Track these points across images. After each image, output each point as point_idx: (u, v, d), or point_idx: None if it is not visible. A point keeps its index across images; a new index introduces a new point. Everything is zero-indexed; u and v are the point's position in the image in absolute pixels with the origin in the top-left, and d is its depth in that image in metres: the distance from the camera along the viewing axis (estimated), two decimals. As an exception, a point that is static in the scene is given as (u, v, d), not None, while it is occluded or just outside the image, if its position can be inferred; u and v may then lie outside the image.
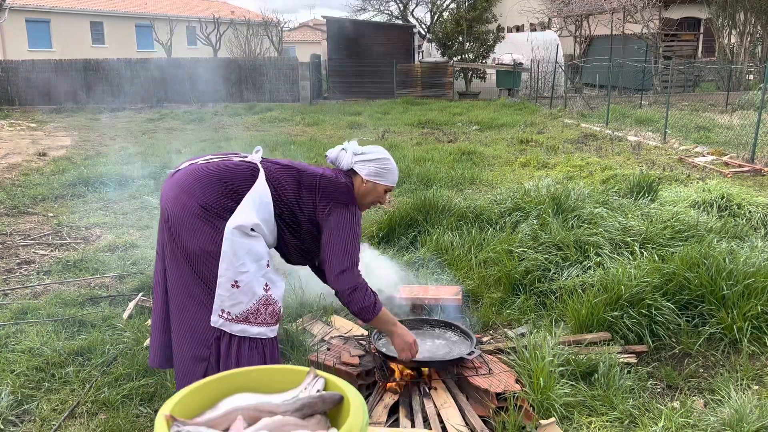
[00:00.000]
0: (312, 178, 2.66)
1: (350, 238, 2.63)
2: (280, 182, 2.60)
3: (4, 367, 3.26)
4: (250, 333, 2.52)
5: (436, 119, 14.74)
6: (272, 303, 2.56)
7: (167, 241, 2.52)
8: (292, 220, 2.62)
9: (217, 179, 2.50)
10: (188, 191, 2.47)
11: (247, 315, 2.51)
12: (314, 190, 2.63)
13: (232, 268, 2.44)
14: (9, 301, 4.27)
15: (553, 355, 3.07)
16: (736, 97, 15.51)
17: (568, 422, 2.78)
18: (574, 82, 21.28)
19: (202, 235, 2.44)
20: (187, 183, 2.49)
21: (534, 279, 4.14)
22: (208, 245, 2.43)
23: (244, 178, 2.53)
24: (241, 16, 34.15)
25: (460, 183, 7.48)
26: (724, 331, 3.39)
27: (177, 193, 2.49)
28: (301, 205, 2.61)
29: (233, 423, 1.43)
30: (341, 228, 2.62)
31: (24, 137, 13.19)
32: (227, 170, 2.54)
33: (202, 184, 2.48)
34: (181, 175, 2.55)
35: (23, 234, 5.85)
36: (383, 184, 2.78)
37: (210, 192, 2.46)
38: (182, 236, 2.45)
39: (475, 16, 23.32)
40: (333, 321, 3.70)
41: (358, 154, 2.75)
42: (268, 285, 2.55)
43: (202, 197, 2.45)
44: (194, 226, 2.44)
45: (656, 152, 9.91)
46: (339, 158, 2.77)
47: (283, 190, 2.59)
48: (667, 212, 5.22)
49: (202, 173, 2.52)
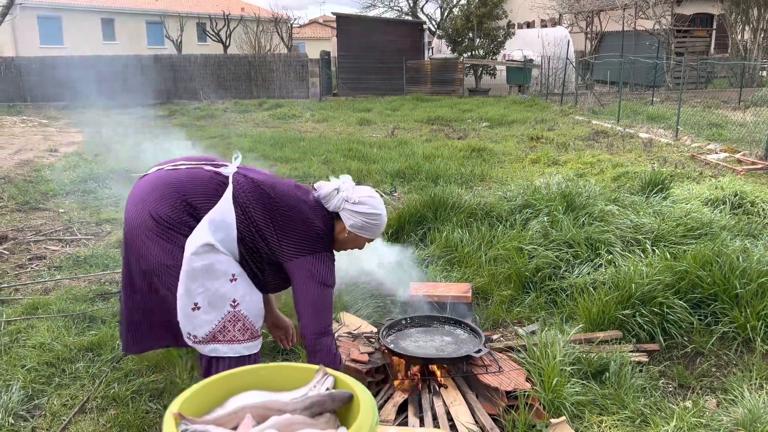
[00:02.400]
0: (286, 209, 2.43)
1: (321, 294, 2.42)
2: (249, 204, 2.39)
3: (15, 363, 3.27)
4: (221, 352, 2.39)
5: (446, 116, 14.69)
6: (241, 319, 2.39)
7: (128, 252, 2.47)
8: (254, 248, 2.42)
9: (173, 191, 2.36)
10: (144, 200, 2.37)
11: (215, 334, 2.37)
12: (283, 229, 2.41)
13: (188, 293, 2.33)
14: (20, 296, 4.29)
15: (564, 353, 3.04)
16: (750, 93, 15.36)
17: (579, 421, 2.75)
18: (584, 79, 21.15)
19: (156, 248, 2.34)
20: (146, 191, 2.39)
21: (544, 277, 4.11)
22: (163, 259, 2.34)
23: (206, 194, 2.37)
24: (251, 13, 34.18)
25: (470, 180, 7.45)
26: (737, 330, 3.35)
27: (135, 200, 2.40)
28: (266, 236, 2.40)
29: (242, 421, 1.42)
30: (312, 284, 2.41)
31: (36, 133, 13.27)
32: (189, 182, 2.39)
33: (159, 195, 2.35)
34: (144, 181, 2.45)
35: (34, 230, 5.88)
36: (366, 237, 2.58)
37: (164, 204, 2.34)
38: (138, 248, 2.38)
39: (486, 12, 23.20)
40: (342, 318, 3.69)
41: (349, 201, 2.49)
42: (236, 300, 2.38)
43: (154, 208, 2.33)
44: (147, 238, 2.34)
45: (668, 149, 9.83)
46: (329, 198, 2.50)
47: (250, 214, 2.38)
48: (680, 210, 5.17)
49: (162, 182, 2.39)
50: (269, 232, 2.40)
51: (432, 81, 22.42)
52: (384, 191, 7.14)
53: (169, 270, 2.35)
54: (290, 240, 2.41)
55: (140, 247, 2.38)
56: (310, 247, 2.43)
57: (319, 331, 2.43)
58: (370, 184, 7.41)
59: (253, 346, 2.46)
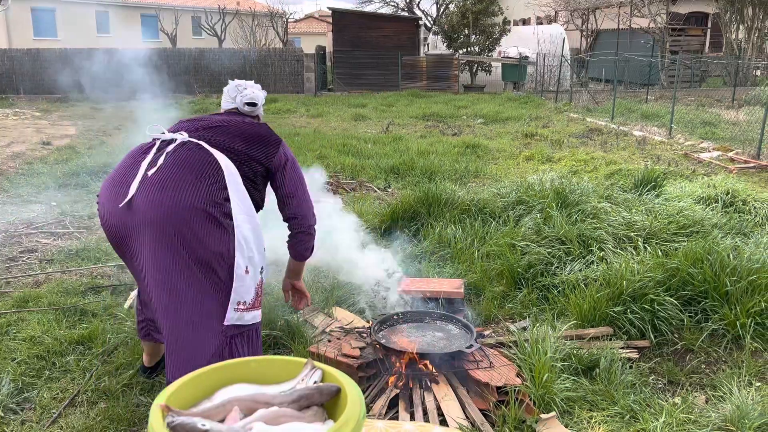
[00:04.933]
0: (252, 128, 2.67)
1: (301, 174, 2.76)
2: (229, 144, 2.56)
3: (5, 355, 3.26)
4: (257, 318, 2.55)
5: (441, 112, 14.68)
6: (262, 285, 2.58)
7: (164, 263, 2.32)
8: (254, 178, 2.62)
9: (192, 179, 2.35)
10: (184, 204, 2.29)
11: (255, 300, 2.50)
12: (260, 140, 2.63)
13: (245, 255, 2.42)
14: (11, 289, 4.27)
15: (555, 349, 3.05)
16: (743, 92, 15.42)
17: (569, 417, 2.77)
18: (579, 77, 21.18)
19: (211, 239, 2.33)
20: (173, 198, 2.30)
21: (536, 273, 4.12)
22: (219, 246, 2.34)
23: (203, 161, 2.42)
24: (246, 7, 34.06)
25: (464, 176, 7.46)
26: (727, 327, 3.37)
27: (170, 212, 2.29)
28: (249, 155, 2.58)
29: (229, 414, 1.42)
30: (297, 168, 2.74)
31: (28, 126, 13.20)
32: (187, 165, 2.39)
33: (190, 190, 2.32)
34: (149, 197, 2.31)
35: (26, 222, 5.85)
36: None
37: (200, 196, 2.32)
38: (200, 245, 2.31)
39: (482, 8, 23.19)
40: (335, 313, 3.69)
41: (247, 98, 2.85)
42: (263, 269, 2.56)
43: (198, 204, 2.30)
44: (199, 233, 2.31)
45: (661, 147, 9.86)
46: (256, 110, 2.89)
47: (233, 147, 2.56)
48: (672, 207, 5.19)
49: (173, 181, 2.33)
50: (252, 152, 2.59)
51: (427, 77, 22.40)
52: (378, 187, 7.14)
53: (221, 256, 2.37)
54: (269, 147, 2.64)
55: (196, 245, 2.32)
56: (274, 139, 2.67)
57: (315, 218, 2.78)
58: (365, 180, 7.41)
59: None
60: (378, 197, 6.57)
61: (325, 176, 7.37)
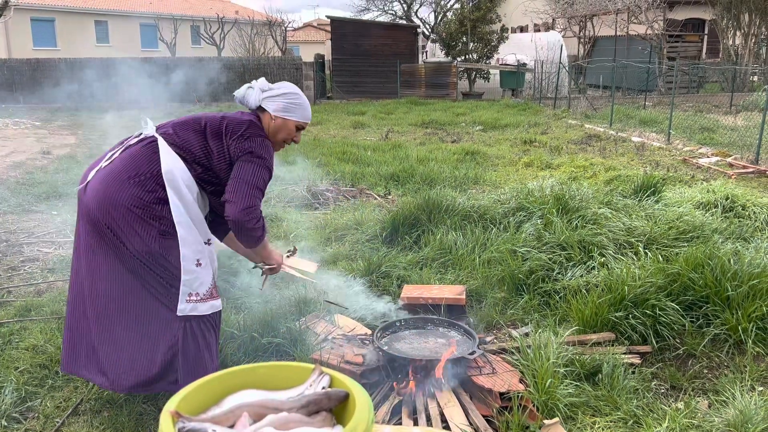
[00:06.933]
0: (214, 123, 2.59)
1: (257, 173, 2.53)
2: (185, 141, 2.53)
3: (8, 364, 3.26)
4: (216, 307, 2.59)
5: (440, 119, 14.72)
6: (215, 276, 2.64)
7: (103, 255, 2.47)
8: (212, 174, 2.55)
9: (126, 177, 2.43)
10: (110, 200, 2.41)
11: (212, 290, 2.56)
12: (220, 134, 2.56)
13: (193, 248, 2.47)
14: (13, 298, 4.27)
15: (557, 355, 3.06)
16: (741, 98, 15.48)
17: (572, 422, 2.77)
18: (578, 83, 21.25)
19: (146, 234, 2.41)
20: (104, 192, 2.43)
21: (538, 279, 4.13)
22: (151, 244, 2.42)
23: (149, 160, 2.46)
24: (245, 16, 34.18)
25: (464, 183, 7.47)
26: (729, 331, 3.37)
27: (99, 205, 2.42)
28: (211, 154, 2.54)
29: (238, 420, 1.43)
30: (250, 163, 2.53)
31: (28, 135, 13.22)
32: (130, 162, 2.47)
33: (117, 188, 2.41)
34: (92, 185, 2.48)
35: (27, 232, 5.86)
36: (293, 119, 2.71)
37: (128, 194, 2.40)
38: (127, 241, 2.41)
39: (479, 16, 23.28)
40: (337, 320, 3.69)
41: (266, 90, 2.69)
42: (214, 260, 2.63)
43: (127, 200, 2.40)
44: (134, 229, 2.40)
45: (660, 153, 9.88)
46: (247, 96, 2.69)
47: (190, 147, 2.52)
48: (672, 213, 5.20)
49: (111, 176, 2.45)
50: (212, 148, 2.54)
51: (426, 84, 22.46)
52: (378, 194, 7.15)
53: (161, 251, 2.45)
54: (231, 138, 2.55)
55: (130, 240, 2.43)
56: (248, 133, 2.56)
57: (247, 205, 2.49)
58: (365, 187, 7.42)
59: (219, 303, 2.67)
60: (378, 204, 6.59)
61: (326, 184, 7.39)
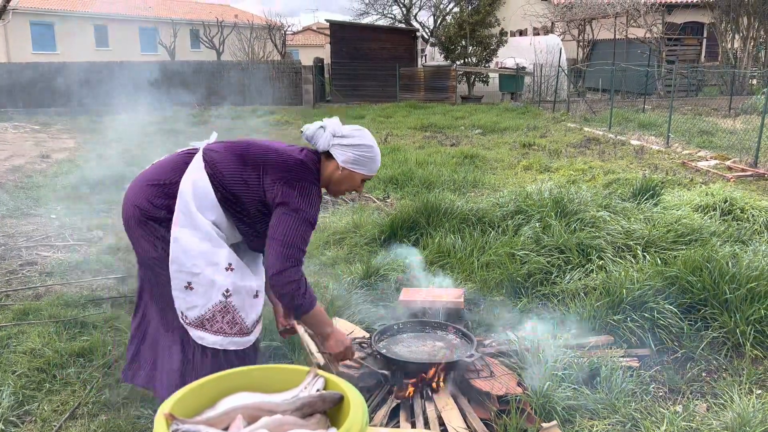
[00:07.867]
0: (259, 151, 2.37)
1: (296, 227, 2.26)
2: (221, 161, 2.34)
3: (5, 368, 3.26)
4: (208, 342, 2.34)
5: (439, 123, 14.73)
6: (231, 311, 2.34)
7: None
8: (237, 203, 2.34)
9: (145, 181, 2.40)
10: (128, 200, 2.42)
11: (203, 321, 2.33)
12: (259, 165, 2.33)
13: (184, 270, 2.30)
14: (11, 302, 4.27)
15: (555, 358, 3.06)
16: (740, 101, 15.49)
17: (570, 426, 2.76)
18: (577, 86, 21.27)
19: (144, 241, 2.37)
20: (129, 191, 2.45)
21: (536, 282, 4.13)
22: (150, 251, 2.36)
23: (174, 170, 2.36)
24: (244, 20, 34.23)
25: (463, 186, 7.47)
26: (727, 334, 3.37)
27: (124, 204, 2.46)
28: (245, 182, 2.32)
29: (233, 422, 1.43)
30: (288, 216, 2.27)
31: (27, 139, 13.22)
32: (159, 168, 2.42)
33: (135, 190, 2.41)
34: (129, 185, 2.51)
35: (26, 235, 5.85)
36: (361, 172, 2.45)
37: (141, 195, 2.37)
38: (135, 243, 2.43)
39: (478, 20, 23.30)
40: (335, 323, 3.68)
41: (338, 136, 2.40)
42: (230, 291, 2.32)
43: (136, 203, 2.38)
44: (135, 233, 2.39)
45: (659, 156, 9.89)
46: (316, 137, 2.42)
47: (222, 168, 2.33)
48: (670, 216, 5.21)
49: (139, 178, 2.45)
50: (247, 175, 2.33)
51: (425, 88, 22.48)
52: (377, 197, 7.15)
53: (157, 261, 2.37)
54: (269, 176, 2.31)
55: (134, 244, 2.45)
56: (291, 177, 2.31)
57: (281, 269, 2.24)
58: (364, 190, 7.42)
59: (241, 342, 2.39)
60: (377, 208, 6.59)
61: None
